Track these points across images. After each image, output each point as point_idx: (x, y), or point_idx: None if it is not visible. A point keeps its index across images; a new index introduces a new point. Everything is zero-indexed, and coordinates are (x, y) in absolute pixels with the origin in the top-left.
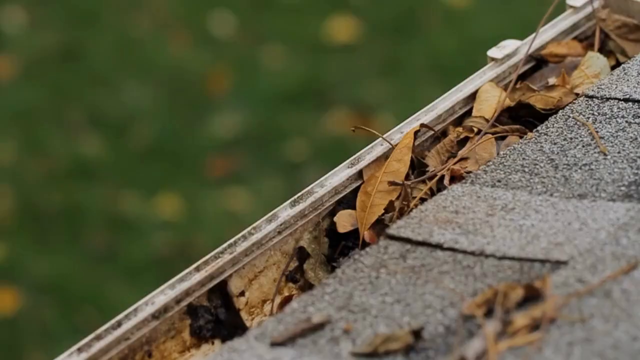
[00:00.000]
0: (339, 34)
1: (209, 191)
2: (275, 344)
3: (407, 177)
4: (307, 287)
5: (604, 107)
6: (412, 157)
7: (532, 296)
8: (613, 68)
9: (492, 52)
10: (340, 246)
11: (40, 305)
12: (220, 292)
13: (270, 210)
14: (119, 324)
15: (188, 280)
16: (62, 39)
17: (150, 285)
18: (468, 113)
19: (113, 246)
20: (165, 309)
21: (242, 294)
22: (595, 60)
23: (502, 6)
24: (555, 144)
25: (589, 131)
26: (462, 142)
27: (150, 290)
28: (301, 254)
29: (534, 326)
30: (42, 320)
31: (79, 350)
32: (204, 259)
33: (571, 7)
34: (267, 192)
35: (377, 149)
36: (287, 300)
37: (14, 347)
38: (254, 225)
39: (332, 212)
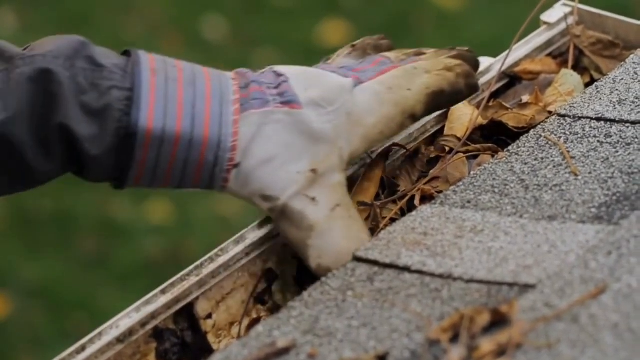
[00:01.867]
0: (331, 38)
1: (200, 196)
2: None
3: (377, 197)
4: (275, 309)
5: (576, 126)
6: (382, 177)
7: (499, 321)
8: (587, 85)
9: None
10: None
11: (30, 311)
12: (186, 314)
13: (260, 216)
14: (83, 348)
15: (154, 303)
16: None
17: (141, 290)
18: (440, 131)
19: (103, 251)
20: (130, 332)
21: (209, 316)
22: (569, 78)
23: (495, 10)
24: (526, 164)
25: (561, 151)
26: (433, 161)
27: (140, 295)
28: (270, 276)
29: (500, 352)
30: (32, 325)
31: None
32: (169, 281)
33: (545, 23)
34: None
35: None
36: (255, 322)
37: (3, 352)
38: (221, 246)
39: None
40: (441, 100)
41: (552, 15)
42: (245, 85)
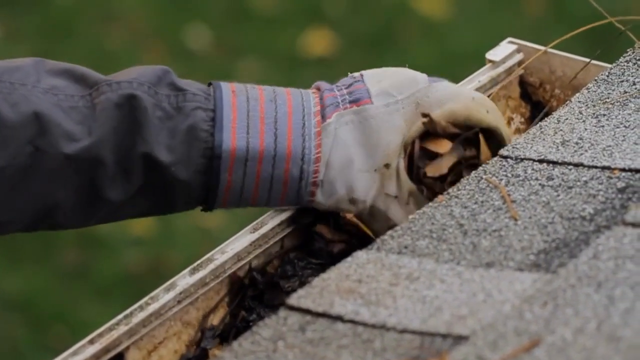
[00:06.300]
0: (315, 47)
1: None
2: None
3: None
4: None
5: (518, 168)
6: None
7: None
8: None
9: None
10: (240, 317)
11: (10, 323)
12: None
13: (243, 227)
14: None
15: (81, 354)
16: (37, 50)
17: (122, 303)
18: None
19: (84, 263)
20: None
21: None
22: None
23: (481, 19)
24: (465, 207)
25: (501, 194)
26: None
27: (121, 308)
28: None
29: None
30: (12, 338)
31: None
32: (98, 330)
33: (490, 61)
34: (240, 209)
35: (281, 213)
36: None
37: None
38: (151, 295)
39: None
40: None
41: (497, 53)
42: (322, 96)
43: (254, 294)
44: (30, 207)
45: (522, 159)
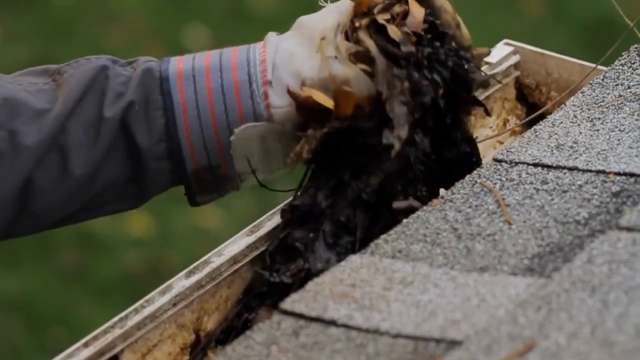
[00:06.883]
0: None
1: (180, 208)
2: None
3: None
4: None
5: (512, 172)
6: None
7: None
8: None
9: None
10: (243, 319)
11: (9, 323)
12: None
13: (242, 228)
14: None
15: (76, 357)
16: (36, 51)
17: (121, 304)
18: None
19: (83, 264)
20: None
21: None
22: None
23: (480, 19)
24: (460, 211)
25: (496, 198)
26: None
27: (120, 309)
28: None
29: None
30: (10, 339)
31: None
32: (93, 333)
33: (487, 63)
34: (239, 209)
35: (278, 215)
36: None
37: None
38: (147, 297)
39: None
40: None
41: (493, 54)
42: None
43: (255, 294)
44: (10, 191)
45: (516, 163)
